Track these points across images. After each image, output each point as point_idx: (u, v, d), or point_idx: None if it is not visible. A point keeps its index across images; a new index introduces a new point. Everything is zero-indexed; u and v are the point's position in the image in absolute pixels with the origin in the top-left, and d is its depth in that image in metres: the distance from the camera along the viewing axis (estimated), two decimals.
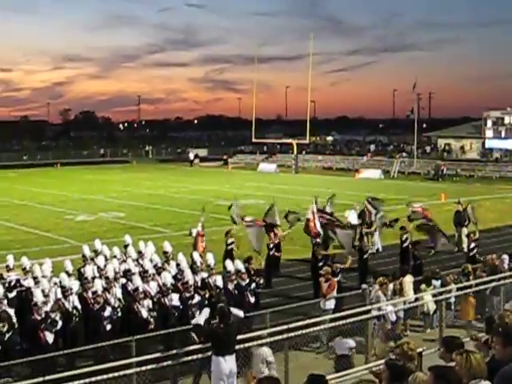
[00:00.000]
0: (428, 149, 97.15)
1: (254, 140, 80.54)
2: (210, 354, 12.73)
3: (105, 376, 11.87)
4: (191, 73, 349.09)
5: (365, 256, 23.76)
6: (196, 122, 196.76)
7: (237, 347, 12.93)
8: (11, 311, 16.04)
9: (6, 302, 16.15)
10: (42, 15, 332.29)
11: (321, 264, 21.37)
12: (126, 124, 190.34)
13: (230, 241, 24.17)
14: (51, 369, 13.56)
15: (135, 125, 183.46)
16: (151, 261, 19.33)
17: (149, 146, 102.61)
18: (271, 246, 24.43)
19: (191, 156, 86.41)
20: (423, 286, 18.79)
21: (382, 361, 8.70)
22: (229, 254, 22.85)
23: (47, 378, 11.60)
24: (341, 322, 15.11)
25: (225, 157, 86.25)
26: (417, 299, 18.50)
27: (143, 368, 12.53)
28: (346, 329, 15.03)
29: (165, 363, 12.93)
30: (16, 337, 15.62)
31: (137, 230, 31.92)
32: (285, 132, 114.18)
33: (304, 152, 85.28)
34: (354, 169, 72.86)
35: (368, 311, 15.98)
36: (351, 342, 14.29)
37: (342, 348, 14.22)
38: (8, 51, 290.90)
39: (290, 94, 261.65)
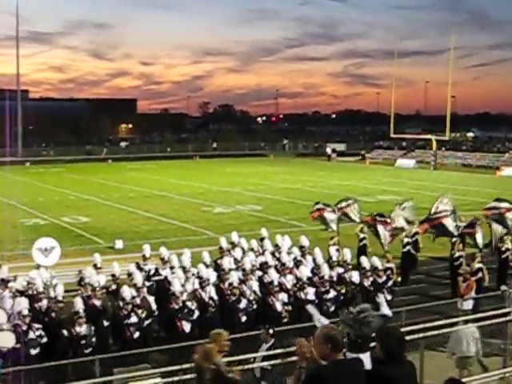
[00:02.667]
0: None
1: (392, 135, 79.42)
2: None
3: (240, 367, 11.92)
4: (330, 67, 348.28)
5: (503, 256, 22.86)
6: (334, 116, 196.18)
7: None
8: (151, 299, 16.45)
9: (145, 289, 16.55)
10: (182, 11, 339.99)
11: (458, 263, 20.81)
12: (263, 118, 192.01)
13: (361, 236, 23.89)
14: (188, 357, 13.77)
15: (273, 118, 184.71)
16: (288, 254, 19.34)
17: (286, 140, 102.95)
18: (408, 242, 23.91)
19: (328, 151, 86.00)
20: None
21: None
22: (361, 250, 22.62)
23: (184, 366, 11.74)
24: (479, 324, 14.60)
25: (362, 152, 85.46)
26: None
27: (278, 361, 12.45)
28: (483, 331, 14.52)
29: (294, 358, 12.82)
30: (154, 324, 16.02)
31: (273, 224, 32.07)
32: (423, 127, 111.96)
33: (443, 148, 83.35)
34: (495, 166, 70.58)
35: (508, 313, 15.37)
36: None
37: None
38: (150, 46, 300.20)
39: (430, 88, 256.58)
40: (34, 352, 13.99)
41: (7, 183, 48.62)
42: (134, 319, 15.15)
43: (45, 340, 14.31)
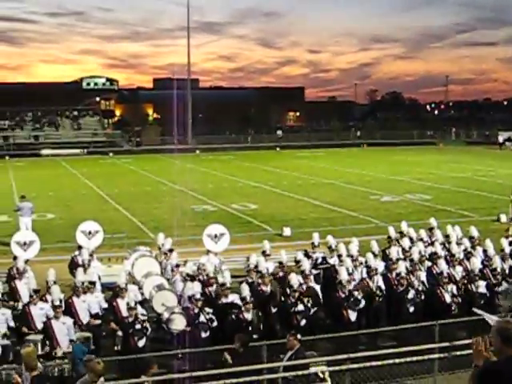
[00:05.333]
0: None
1: None
2: None
3: (408, 359, 11.76)
4: (501, 52, 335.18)
5: None
6: (506, 103, 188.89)
7: None
8: (317, 287, 16.51)
9: (312, 277, 16.61)
10: None
11: None
12: (432, 105, 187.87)
13: None
14: (354, 346, 13.74)
15: (442, 106, 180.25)
16: (458, 245, 18.83)
17: (453, 128, 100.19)
18: None
19: (500, 139, 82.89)
20: None
21: None
22: None
23: (351, 355, 11.71)
24: None
25: None
26: None
27: (447, 354, 12.17)
28: None
29: (465, 351, 12.47)
30: (321, 312, 16.06)
31: (442, 214, 31.39)
32: None
33: None
34: None
35: None
36: None
37: None
38: (317, 33, 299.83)
39: None
40: (204, 335, 14.38)
41: (178, 170, 50.27)
42: (300, 307, 15.23)
43: (215, 324, 14.67)
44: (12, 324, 14.85)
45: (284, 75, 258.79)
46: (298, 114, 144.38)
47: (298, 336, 12.27)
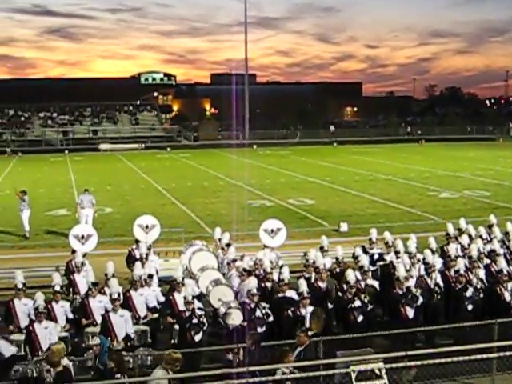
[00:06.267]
0: None
1: None
2: None
3: (465, 357, 11.60)
4: None
5: None
6: None
7: None
8: (375, 283, 16.40)
9: (370, 274, 16.50)
10: None
11: None
12: (492, 100, 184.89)
13: None
14: (411, 343, 13.63)
15: (502, 101, 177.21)
16: None
17: (511, 124, 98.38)
18: None
19: None
20: None
21: None
22: None
23: (409, 353, 11.60)
24: None
25: None
26: None
27: (506, 353, 11.96)
28: None
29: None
30: (378, 309, 15.96)
31: (502, 210, 30.92)
32: None
33: None
34: None
35: None
36: None
37: None
38: (375, 28, 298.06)
39: None
40: (260, 330, 14.38)
41: (235, 165, 50.49)
42: (357, 303, 15.14)
43: (271, 319, 14.67)
44: (71, 316, 15.06)
45: (341, 70, 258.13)
46: (355, 109, 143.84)
47: (309, 333, 12.22)
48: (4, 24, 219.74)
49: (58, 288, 15.12)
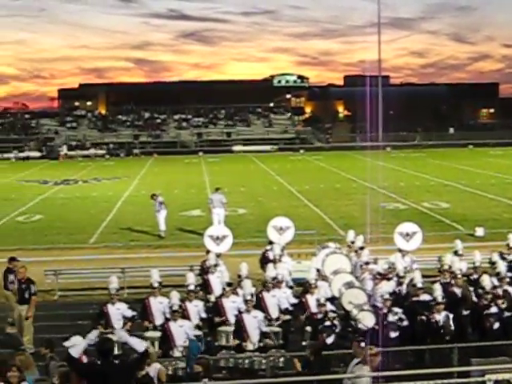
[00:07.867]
0: None
1: None
2: None
3: None
4: None
5: None
6: None
7: None
8: None
9: (507, 280, 15.97)
10: None
11: None
12: None
13: None
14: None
15: None
16: None
17: None
18: None
19: None
20: None
21: None
22: None
23: None
24: None
25: None
26: None
27: None
28: None
29: None
30: None
31: None
32: None
33: None
34: None
35: None
36: None
37: None
38: None
39: None
40: (393, 335, 14.22)
41: (368, 168, 50.12)
42: (493, 309, 14.74)
43: (405, 323, 14.48)
44: (204, 315, 15.32)
45: (477, 71, 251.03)
46: (491, 110, 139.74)
47: (362, 344, 11.44)
48: (141, 29, 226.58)
49: (192, 287, 15.44)
